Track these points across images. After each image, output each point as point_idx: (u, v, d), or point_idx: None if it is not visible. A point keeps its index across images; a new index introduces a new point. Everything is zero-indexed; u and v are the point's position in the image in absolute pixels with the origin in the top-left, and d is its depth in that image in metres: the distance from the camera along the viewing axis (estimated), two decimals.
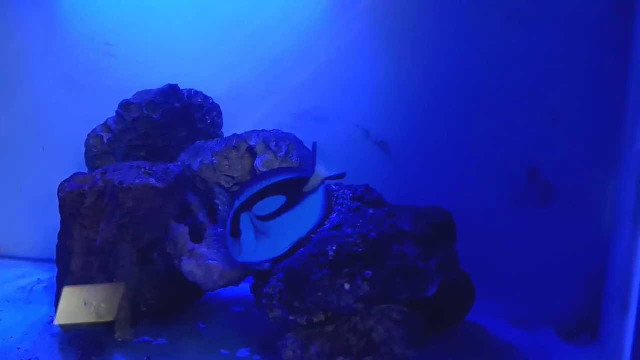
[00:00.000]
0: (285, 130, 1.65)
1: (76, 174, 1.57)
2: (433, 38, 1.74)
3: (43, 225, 2.05)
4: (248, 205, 1.30)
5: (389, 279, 1.38)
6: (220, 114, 1.81)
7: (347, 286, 1.37)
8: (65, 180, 1.55)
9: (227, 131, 1.84)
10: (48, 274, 1.93)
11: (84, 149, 1.83)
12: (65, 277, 1.54)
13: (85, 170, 1.78)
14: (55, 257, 1.97)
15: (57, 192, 1.52)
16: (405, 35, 1.76)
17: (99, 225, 1.50)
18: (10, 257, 2.10)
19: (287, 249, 1.36)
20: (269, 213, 1.32)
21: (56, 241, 2.00)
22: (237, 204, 1.30)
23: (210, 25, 1.88)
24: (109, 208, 1.46)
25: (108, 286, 1.52)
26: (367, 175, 1.69)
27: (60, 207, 1.52)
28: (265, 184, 1.31)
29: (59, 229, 1.56)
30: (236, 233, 1.30)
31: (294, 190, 1.32)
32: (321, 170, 1.33)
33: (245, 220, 1.30)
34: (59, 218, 1.96)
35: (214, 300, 1.74)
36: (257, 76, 1.86)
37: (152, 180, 1.50)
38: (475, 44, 1.71)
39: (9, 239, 2.12)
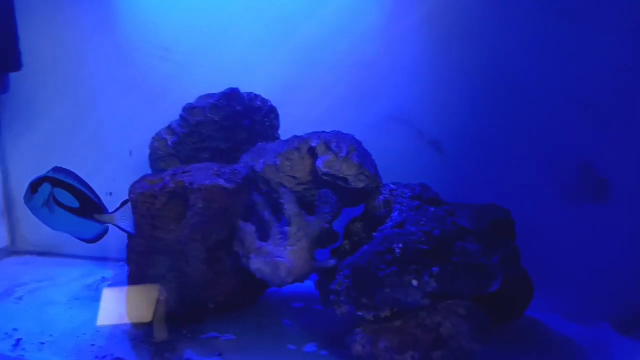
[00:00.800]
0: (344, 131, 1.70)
1: (145, 176, 1.64)
2: (485, 35, 1.76)
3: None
4: (54, 183, 1.59)
5: (454, 275, 1.42)
6: (277, 116, 1.86)
7: (414, 282, 1.41)
8: (135, 182, 1.61)
9: (282, 132, 1.90)
10: (110, 272, 2.01)
11: (141, 152, 1.91)
12: (136, 276, 1.60)
13: (148, 171, 1.85)
14: (121, 256, 2.07)
15: (128, 193, 1.58)
16: (458, 32, 1.79)
17: (170, 225, 1.56)
18: (71, 256, 2.16)
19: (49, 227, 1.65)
20: (60, 202, 1.59)
21: (114, 240, 2.10)
22: (50, 173, 1.59)
23: (266, 29, 1.92)
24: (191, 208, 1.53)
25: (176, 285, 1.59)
26: (420, 174, 1.74)
27: (132, 208, 1.57)
28: (78, 185, 1.60)
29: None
30: (34, 189, 1.57)
31: (88, 208, 1.61)
32: (118, 217, 1.62)
33: (44, 189, 1.57)
34: None
35: (273, 296, 1.79)
36: (311, 77, 1.90)
37: (221, 181, 1.56)
38: (528, 40, 1.73)
39: (69, 238, 2.16)
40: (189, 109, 1.75)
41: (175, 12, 1.96)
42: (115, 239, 2.06)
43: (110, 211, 1.62)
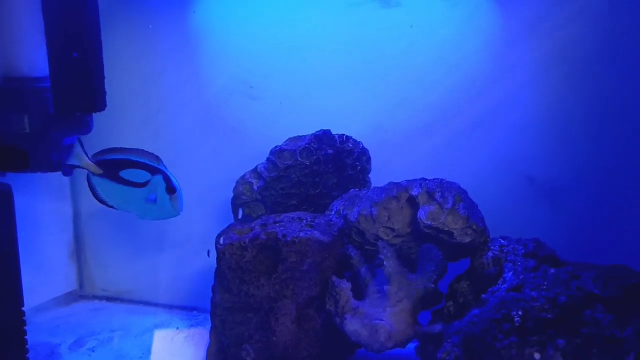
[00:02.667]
0: (444, 179, 1.54)
1: (232, 225, 1.52)
2: (605, 78, 1.61)
3: (175, 270, 2.03)
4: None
5: (584, 349, 1.24)
6: (369, 159, 1.72)
7: (537, 356, 1.24)
8: (222, 232, 1.49)
9: (374, 177, 1.76)
10: (185, 323, 1.89)
11: (221, 194, 1.80)
12: (222, 333, 1.47)
13: (227, 215, 1.75)
14: (194, 304, 1.97)
15: (215, 243, 1.46)
16: (572, 68, 1.64)
17: (259, 280, 1.43)
18: (143, 303, 2.05)
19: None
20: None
21: (185, 287, 2.00)
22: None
23: (359, 66, 1.80)
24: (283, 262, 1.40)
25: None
26: (530, 227, 1.59)
27: (218, 259, 1.46)
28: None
29: (212, 282, 1.50)
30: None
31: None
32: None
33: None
34: (192, 263, 1.96)
35: (363, 358, 1.64)
36: (408, 118, 1.77)
37: (316, 234, 1.43)
38: None
39: (139, 284, 2.07)
40: (278, 152, 1.63)
41: (260, 48, 1.86)
42: (188, 287, 1.99)
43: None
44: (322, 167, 1.65)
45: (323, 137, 1.65)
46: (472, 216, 1.48)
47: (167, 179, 1.51)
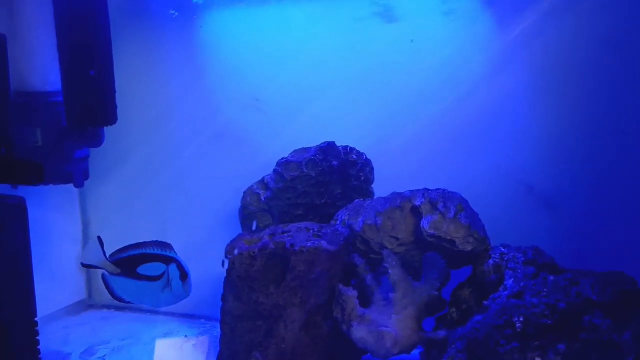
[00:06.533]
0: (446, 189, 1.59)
1: (241, 235, 1.56)
2: (596, 82, 1.66)
3: None
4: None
5: (583, 354, 1.29)
6: (372, 169, 1.77)
7: None
8: (232, 241, 1.54)
9: (377, 186, 1.80)
10: (193, 331, 1.93)
11: (228, 204, 1.86)
12: (232, 341, 1.51)
13: (235, 227, 1.79)
14: (201, 313, 2.01)
15: (224, 253, 1.51)
16: (568, 78, 1.69)
17: (268, 289, 1.47)
18: (151, 312, 2.08)
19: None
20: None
21: (196, 295, 2.03)
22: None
23: (363, 79, 1.85)
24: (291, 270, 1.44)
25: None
26: (529, 233, 1.64)
27: (229, 269, 1.49)
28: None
29: (221, 291, 1.53)
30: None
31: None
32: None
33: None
34: (200, 273, 1.99)
35: None
36: (410, 129, 1.82)
37: (323, 243, 1.47)
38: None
39: None
40: (284, 163, 1.68)
41: (266, 62, 1.92)
42: (195, 296, 2.01)
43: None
44: (327, 177, 1.69)
45: (328, 148, 1.70)
46: (473, 225, 1.52)
47: (180, 267, 1.56)
